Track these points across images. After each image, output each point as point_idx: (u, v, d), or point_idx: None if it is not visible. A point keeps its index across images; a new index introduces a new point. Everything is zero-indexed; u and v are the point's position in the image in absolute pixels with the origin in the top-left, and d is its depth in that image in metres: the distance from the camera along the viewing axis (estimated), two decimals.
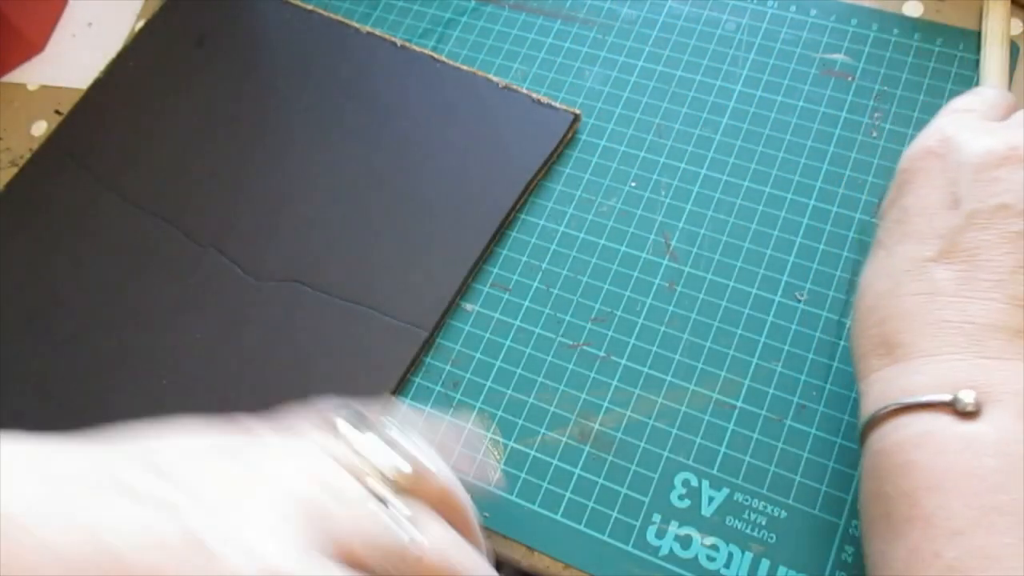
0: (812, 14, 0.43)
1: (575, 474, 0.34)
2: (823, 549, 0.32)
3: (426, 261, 0.39)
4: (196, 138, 0.44)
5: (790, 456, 0.33)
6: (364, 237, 0.40)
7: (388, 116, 0.43)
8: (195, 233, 0.41)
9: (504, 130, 0.41)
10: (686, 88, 0.42)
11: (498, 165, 0.40)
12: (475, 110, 0.42)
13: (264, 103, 0.45)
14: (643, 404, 0.35)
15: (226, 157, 0.43)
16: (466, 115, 0.42)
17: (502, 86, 0.42)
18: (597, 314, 0.37)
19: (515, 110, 0.41)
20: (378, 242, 0.40)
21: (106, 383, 0.38)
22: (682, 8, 0.44)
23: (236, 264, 0.40)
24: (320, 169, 0.42)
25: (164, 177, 0.44)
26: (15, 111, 0.51)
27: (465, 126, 0.42)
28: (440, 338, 0.38)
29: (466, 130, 0.42)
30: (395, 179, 0.41)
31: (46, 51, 0.53)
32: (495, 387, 0.36)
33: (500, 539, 0.34)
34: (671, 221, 0.39)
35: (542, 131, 0.41)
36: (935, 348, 0.25)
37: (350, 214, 0.40)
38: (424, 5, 0.48)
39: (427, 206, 0.40)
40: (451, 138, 0.41)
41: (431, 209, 0.40)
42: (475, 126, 0.42)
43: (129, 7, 0.53)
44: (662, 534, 0.33)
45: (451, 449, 0.33)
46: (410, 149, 0.42)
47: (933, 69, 0.40)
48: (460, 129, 0.42)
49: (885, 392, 0.26)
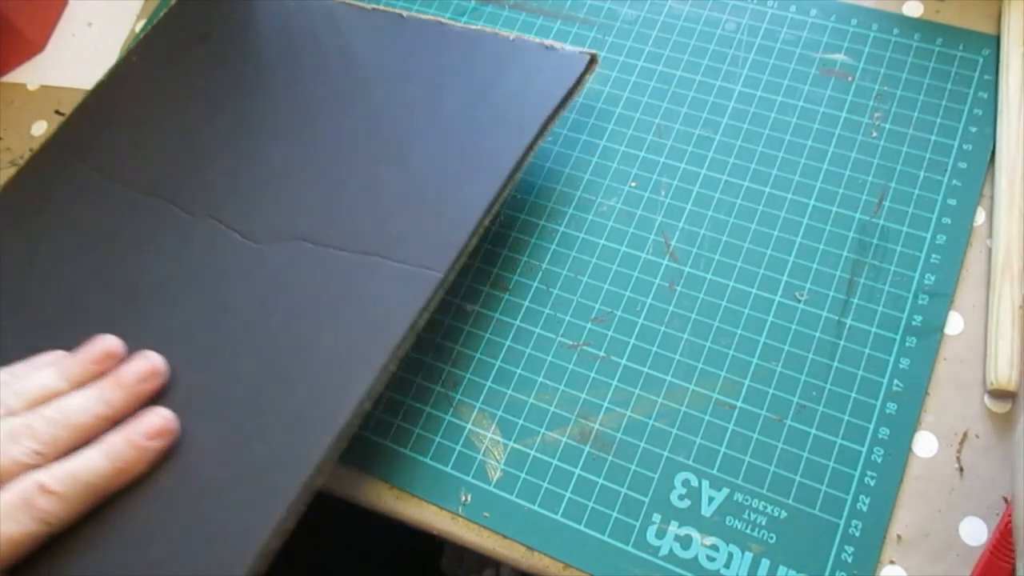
0: (812, 14, 0.43)
1: (575, 474, 0.34)
2: (823, 549, 0.32)
3: (437, 205, 0.37)
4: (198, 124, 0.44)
5: (790, 456, 0.33)
6: (369, 189, 0.39)
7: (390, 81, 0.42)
8: (191, 207, 0.41)
9: (513, 78, 0.40)
10: (686, 88, 0.42)
11: (510, 109, 0.39)
12: (482, 63, 0.41)
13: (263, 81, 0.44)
14: (643, 404, 0.35)
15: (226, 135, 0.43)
16: (471, 69, 0.41)
17: (512, 38, 0.41)
18: (597, 314, 0.37)
19: (525, 58, 0.40)
20: (384, 192, 0.38)
21: None
22: (682, 8, 0.44)
23: (234, 230, 0.39)
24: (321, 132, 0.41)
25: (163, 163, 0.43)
26: (15, 111, 0.51)
27: (471, 78, 0.41)
28: (440, 338, 0.38)
29: (472, 82, 0.40)
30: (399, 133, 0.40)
31: (46, 51, 0.53)
32: (495, 387, 0.36)
33: (500, 539, 0.34)
34: (671, 221, 0.39)
35: (555, 75, 0.39)
36: None
37: (353, 169, 0.40)
38: (424, 5, 0.48)
39: (436, 153, 0.39)
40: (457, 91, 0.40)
41: (440, 155, 0.39)
42: (481, 77, 0.40)
43: (129, 7, 0.53)
44: (662, 534, 0.33)
45: None
46: (413, 107, 0.41)
47: (933, 69, 0.40)
48: (465, 82, 0.41)
49: None
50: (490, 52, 0.41)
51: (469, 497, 0.35)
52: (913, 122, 0.39)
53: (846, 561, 0.31)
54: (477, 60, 0.41)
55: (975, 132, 0.38)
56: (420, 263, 0.35)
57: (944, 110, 0.39)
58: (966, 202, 0.37)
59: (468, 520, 0.34)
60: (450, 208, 0.37)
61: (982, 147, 0.38)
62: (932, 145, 0.38)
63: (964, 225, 0.37)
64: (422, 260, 0.36)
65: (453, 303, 0.39)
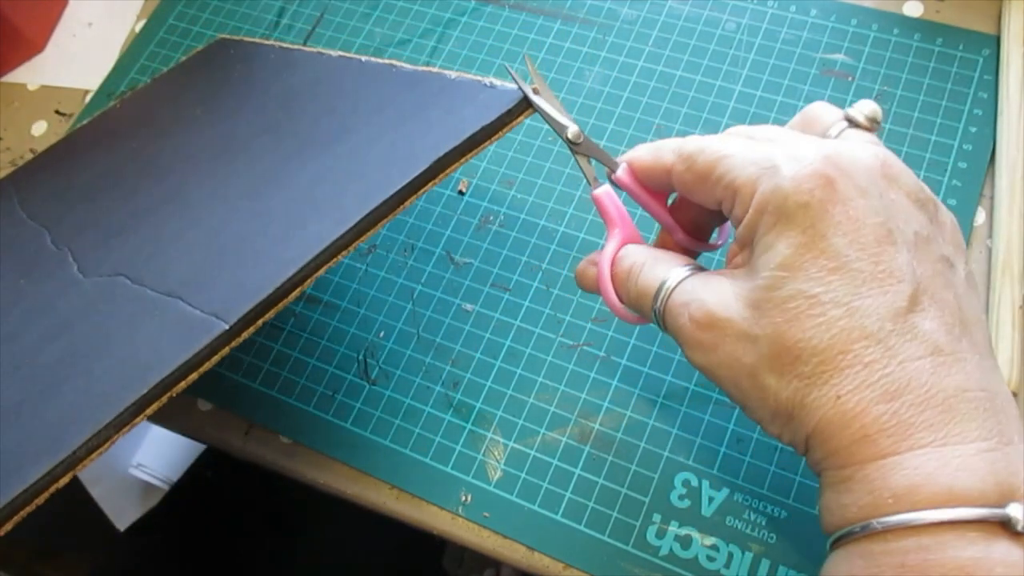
0: (812, 14, 0.43)
1: (575, 474, 0.34)
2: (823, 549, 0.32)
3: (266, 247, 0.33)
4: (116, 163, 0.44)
5: (790, 456, 0.33)
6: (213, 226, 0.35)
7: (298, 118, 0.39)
8: (59, 236, 0.41)
9: (430, 114, 0.35)
10: (686, 88, 0.42)
11: (409, 144, 0.34)
12: (406, 101, 0.37)
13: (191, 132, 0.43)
14: (643, 404, 0.35)
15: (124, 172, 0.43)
16: (392, 106, 0.37)
17: (453, 76, 0.36)
18: (597, 314, 0.37)
19: (453, 96, 0.35)
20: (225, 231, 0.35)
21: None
22: (682, 8, 0.44)
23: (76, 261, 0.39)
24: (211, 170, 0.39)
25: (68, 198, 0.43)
26: (15, 111, 0.51)
27: (387, 116, 0.36)
28: (440, 338, 0.38)
29: (385, 119, 0.36)
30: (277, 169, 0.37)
31: (46, 51, 0.53)
32: (495, 387, 0.36)
33: (500, 539, 0.34)
34: None
35: (476, 111, 0.34)
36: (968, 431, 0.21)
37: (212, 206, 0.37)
38: (424, 5, 0.48)
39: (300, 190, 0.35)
40: (366, 127, 0.36)
41: (302, 193, 0.35)
42: (397, 114, 0.36)
43: (129, 7, 0.53)
44: (662, 534, 0.33)
45: None
46: (311, 143, 0.37)
47: (933, 69, 0.40)
48: (379, 119, 0.36)
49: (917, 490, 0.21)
50: (421, 91, 0.37)
51: (469, 497, 0.35)
52: (913, 122, 0.39)
53: None
54: (404, 98, 0.37)
55: (975, 132, 0.38)
56: (211, 310, 0.31)
57: (944, 110, 0.39)
58: (966, 202, 0.37)
59: (468, 520, 0.34)
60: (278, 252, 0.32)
61: (982, 147, 0.38)
62: (932, 145, 0.38)
63: (964, 225, 0.37)
64: (214, 307, 0.31)
65: (453, 303, 0.39)
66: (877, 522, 0.22)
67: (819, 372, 0.22)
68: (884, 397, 0.22)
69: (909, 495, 0.21)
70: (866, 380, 0.22)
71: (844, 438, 0.22)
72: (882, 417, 0.22)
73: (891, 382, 0.22)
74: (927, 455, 0.21)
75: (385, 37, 0.47)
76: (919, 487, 0.21)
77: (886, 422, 0.22)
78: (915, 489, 0.21)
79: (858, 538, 0.22)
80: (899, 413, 0.22)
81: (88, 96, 0.50)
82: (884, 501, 0.21)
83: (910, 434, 0.21)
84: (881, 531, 0.22)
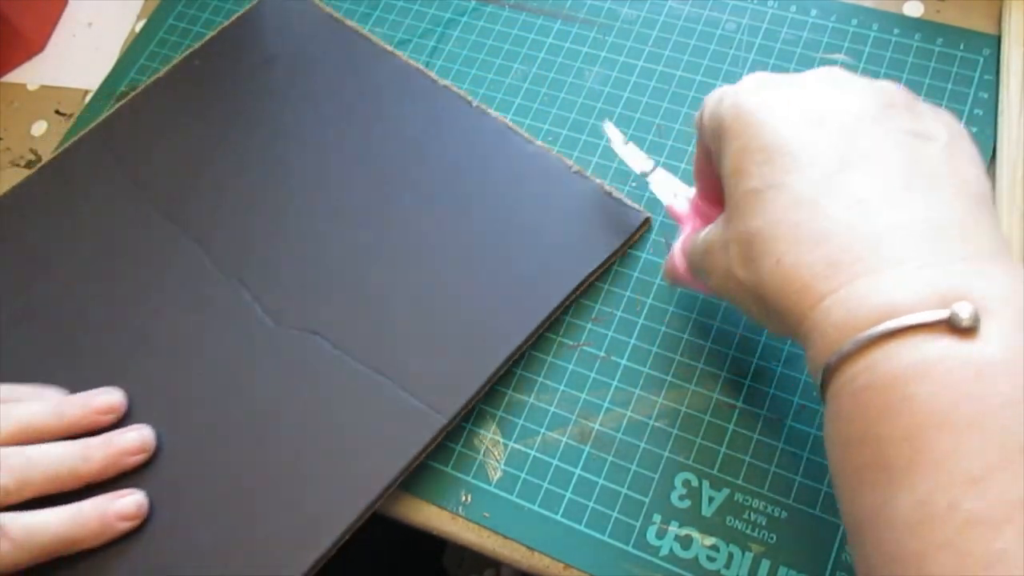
0: (812, 14, 0.43)
1: (575, 474, 0.34)
2: (823, 549, 0.32)
3: (459, 341, 0.35)
4: (246, 159, 0.42)
5: (790, 456, 0.33)
6: (398, 304, 0.36)
7: (455, 179, 0.39)
8: (221, 261, 0.39)
9: (571, 220, 0.37)
10: (686, 88, 0.42)
11: (556, 256, 0.37)
12: (543, 192, 0.38)
13: (324, 143, 0.42)
14: (643, 404, 0.35)
15: (272, 189, 0.41)
16: (533, 196, 0.38)
17: (574, 170, 0.39)
18: (597, 314, 0.37)
19: (585, 199, 0.38)
20: (411, 312, 0.36)
21: None
22: (682, 8, 0.44)
23: (258, 303, 0.37)
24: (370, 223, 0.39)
25: (203, 195, 0.41)
26: (15, 111, 0.51)
27: (531, 208, 0.38)
28: None
29: (531, 213, 0.38)
30: (444, 248, 0.38)
31: (46, 51, 0.53)
32: (496, 387, 0.36)
33: (500, 539, 0.34)
34: (671, 221, 0.39)
35: (608, 228, 0.37)
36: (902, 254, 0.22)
37: (388, 277, 0.37)
38: (424, 5, 0.48)
39: (473, 281, 0.37)
40: (514, 219, 0.38)
41: (477, 285, 0.36)
42: (541, 210, 0.38)
43: (129, 7, 0.53)
44: (662, 534, 0.33)
45: None
46: (469, 220, 0.38)
47: (934, 69, 0.40)
48: (526, 210, 0.38)
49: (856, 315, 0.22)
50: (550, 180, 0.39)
51: (469, 497, 0.35)
52: None
53: (846, 561, 0.31)
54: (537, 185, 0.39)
55: (976, 132, 0.38)
56: (428, 402, 0.34)
57: None
58: None
59: (468, 520, 0.34)
60: (472, 349, 0.35)
61: (983, 147, 0.38)
62: None
63: None
64: (430, 399, 0.34)
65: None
66: (831, 359, 0.22)
67: (766, 249, 0.24)
68: (813, 248, 0.23)
69: (851, 322, 0.22)
70: (797, 238, 0.24)
71: (791, 296, 0.24)
72: (816, 265, 0.23)
73: (819, 232, 0.23)
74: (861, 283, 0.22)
75: (385, 37, 0.47)
76: (855, 312, 0.22)
77: (820, 269, 0.23)
78: (853, 315, 0.22)
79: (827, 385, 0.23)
80: (829, 256, 0.23)
81: (88, 96, 0.50)
82: (831, 337, 0.23)
83: (842, 270, 0.23)
84: (836, 364, 0.22)
